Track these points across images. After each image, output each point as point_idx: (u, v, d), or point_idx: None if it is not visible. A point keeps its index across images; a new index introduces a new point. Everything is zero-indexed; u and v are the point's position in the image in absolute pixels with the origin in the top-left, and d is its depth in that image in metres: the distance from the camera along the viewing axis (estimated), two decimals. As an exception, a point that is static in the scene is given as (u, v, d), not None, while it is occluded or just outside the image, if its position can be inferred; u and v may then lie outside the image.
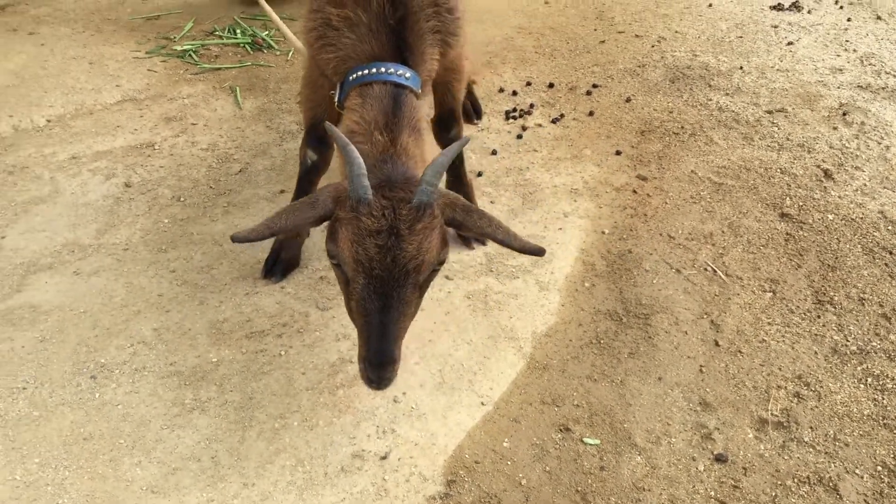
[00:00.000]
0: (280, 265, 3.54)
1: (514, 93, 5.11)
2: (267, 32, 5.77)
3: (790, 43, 5.72)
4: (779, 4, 6.34)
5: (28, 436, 2.82)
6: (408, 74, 2.78)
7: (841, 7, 6.42)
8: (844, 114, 4.82)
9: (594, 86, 5.18)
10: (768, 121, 4.75)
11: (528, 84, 5.22)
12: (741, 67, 5.34)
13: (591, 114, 4.88)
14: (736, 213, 4.01)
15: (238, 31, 5.78)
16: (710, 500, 2.72)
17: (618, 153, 4.50)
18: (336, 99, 2.93)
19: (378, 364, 2.37)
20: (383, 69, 2.75)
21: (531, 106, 4.96)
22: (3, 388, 3.00)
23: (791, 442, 2.92)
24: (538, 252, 2.50)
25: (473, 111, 4.77)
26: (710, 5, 6.32)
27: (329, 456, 2.80)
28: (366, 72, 2.77)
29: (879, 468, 2.83)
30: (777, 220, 3.97)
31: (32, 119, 4.67)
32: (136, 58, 5.41)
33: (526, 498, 2.70)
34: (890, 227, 3.91)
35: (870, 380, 3.16)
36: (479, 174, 4.28)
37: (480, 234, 2.53)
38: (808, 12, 6.23)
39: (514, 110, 4.91)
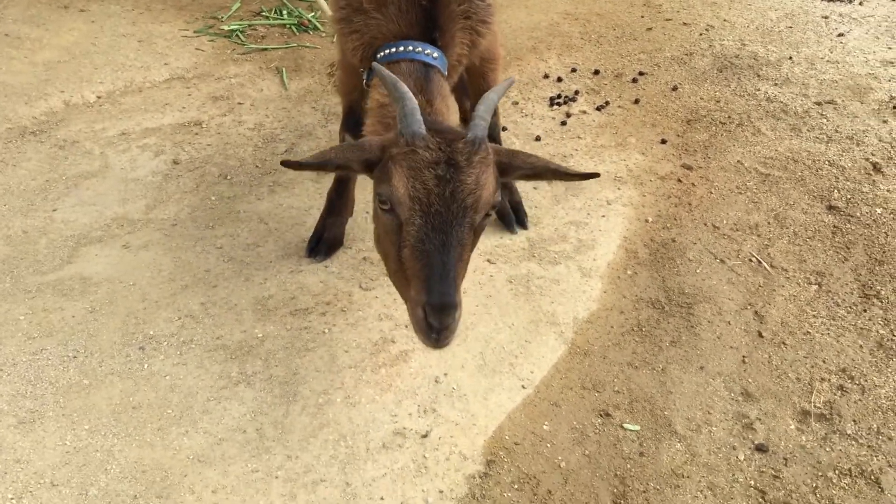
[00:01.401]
0: (324, 245, 3.58)
1: (559, 79, 5.09)
2: (312, 14, 5.80)
3: (841, 34, 5.63)
4: (830, -5, 6.24)
5: (78, 403, 2.89)
6: (435, 55, 2.77)
7: (894, -1, 6.30)
8: (895, 107, 4.74)
9: (640, 73, 5.14)
10: (817, 112, 4.69)
11: (574, 70, 5.19)
12: (790, 58, 5.27)
13: (636, 102, 4.85)
14: (782, 205, 3.97)
15: (284, 12, 5.83)
16: (750, 489, 2.71)
17: (663, 142, 4.47)
18: (364, 80, 2.93)
19: (441, 307, 2.17)
20: (411, 47, 2.74)
21: (576, 93, 4.94)
22: (55, 355, 3.07)
23: (833, 434, 2.90)
24: (593, 175, 2.49)
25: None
26: (760, -6, 6.24)
27: (371, 432, 2.84)
28: (394, 49, 2.76)
29: (924, 464, 2.80)
30: (824, 212, 3.92)
31: (83, 95, 4.75)
32: (184, 36, 5.48)
33: (565, 480, 2.72)
34: (940, 223, 3.85)
35: (916, 375, 3.12)
36: (523, 159, 4.27)
37: (532, 171, 2.47)
38: (860, 3, 6.12)
39: (559, 97, 4.89)
